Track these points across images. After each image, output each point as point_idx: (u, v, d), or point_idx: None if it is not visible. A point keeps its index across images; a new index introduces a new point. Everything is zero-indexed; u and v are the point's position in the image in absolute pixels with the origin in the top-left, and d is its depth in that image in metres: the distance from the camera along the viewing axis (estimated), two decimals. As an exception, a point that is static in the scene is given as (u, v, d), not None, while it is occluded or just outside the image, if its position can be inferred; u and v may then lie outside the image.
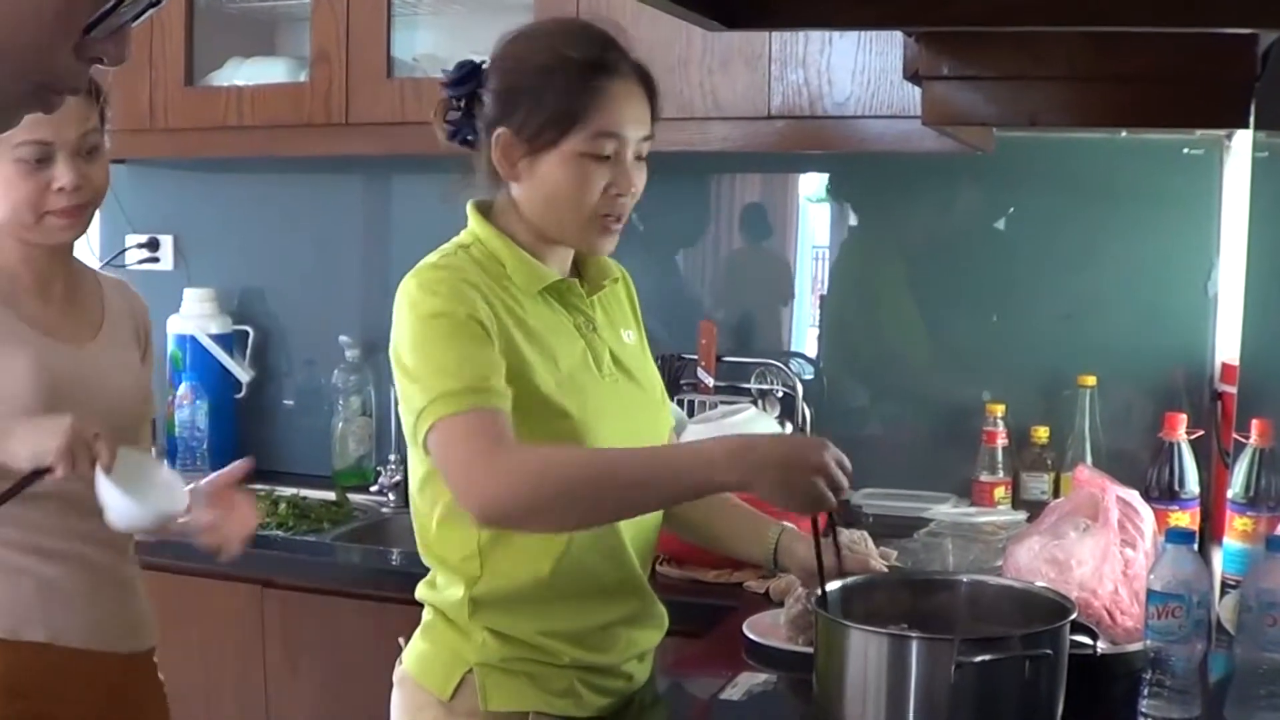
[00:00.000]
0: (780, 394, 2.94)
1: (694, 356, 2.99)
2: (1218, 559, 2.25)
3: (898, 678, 1.52)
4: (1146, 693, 1.67)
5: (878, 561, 2.00)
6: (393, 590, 2.48)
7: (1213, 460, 2.59)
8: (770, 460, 1.61)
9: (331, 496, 3.15)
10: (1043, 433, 2.80)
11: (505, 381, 1.69)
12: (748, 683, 1.89)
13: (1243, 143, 2.57)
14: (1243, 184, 2.54)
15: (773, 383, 2.96)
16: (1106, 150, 2.82)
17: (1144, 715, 1.67)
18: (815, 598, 1.69)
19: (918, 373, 3.00)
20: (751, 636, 2.02)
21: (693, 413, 2.90)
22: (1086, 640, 1.63)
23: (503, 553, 1.75)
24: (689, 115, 2.59)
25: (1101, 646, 1.67)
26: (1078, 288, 2.86)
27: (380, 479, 3.19)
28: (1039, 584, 1.79)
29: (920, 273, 3.01)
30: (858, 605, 1.68)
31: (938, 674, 1.49)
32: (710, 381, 2.96)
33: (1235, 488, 2.19)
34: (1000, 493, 2.80)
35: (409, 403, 1.71)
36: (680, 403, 2.92)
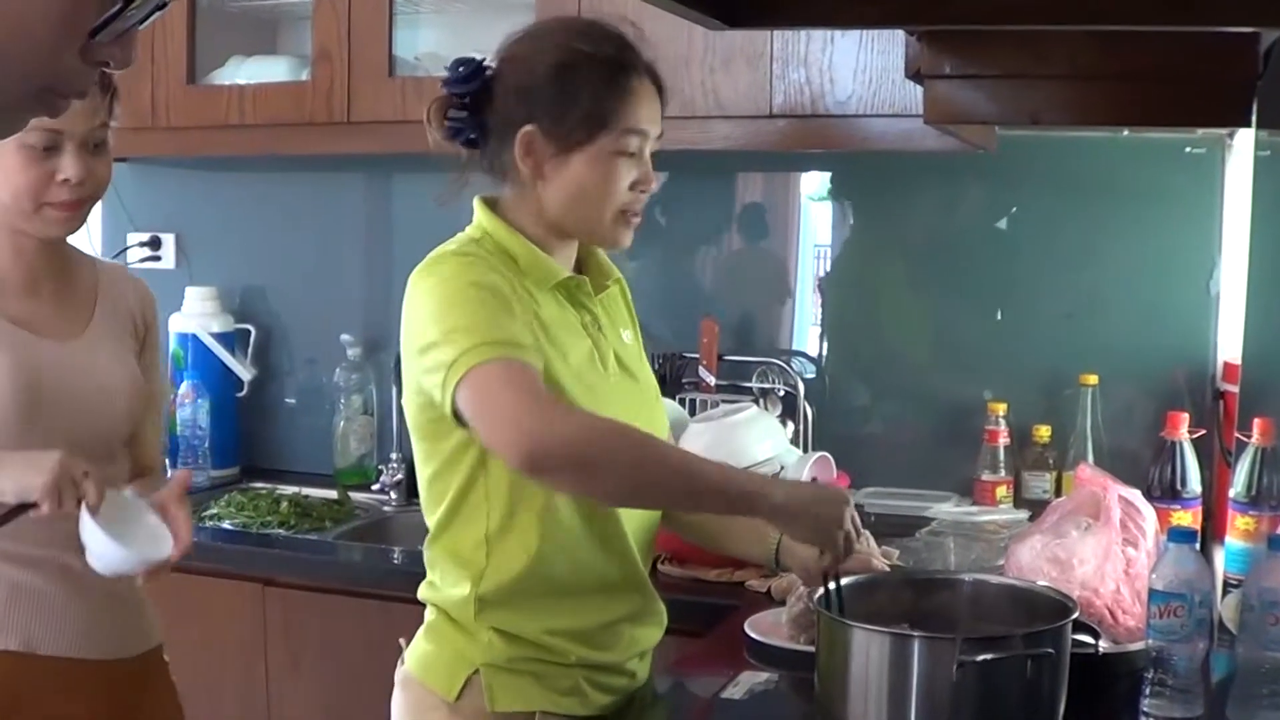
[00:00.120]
0: (782, 393, 2.94)
1: (695, 355, 2.99)
2: (1220, 558, 2.25)
3: (900, 677, 1.52)
4: (1148, 692, 1.67)
5: (880, 560, 1.99)
6: (394, 589, 2.48)
7: (1215, 459, 2.59)
8: (804, 492, 1.80)
9: (333, 495, 3.15)
10: (1044, 432, 2.80)
11: None
12: (749, 681, 1.89)
13: (1244, 141, 2.57)
14: (1244, 183, 2.54)
15: (774, 382, 2.96)
16: (1108, 149, 2.82)
17: (1146, 714, 1.67)
18: (819, 597, 1.69)
19: (919, 371, 3.00)
20: (753, 635, 2.02)
21: (694, 411, 2.89)
22: (1088, 639, 1.64)
23: (510, 543, 1.74)
24: (691, 114, 2.58)
25: (1103, 646, 1.68)
26: (1080, 286, 2.86)
27: (382, 477, 3.19)
28: (1041, 583, 1.79)
29: (922, 271, 3.01)
30: (860, 604, 1.68)
31: (940, 673, 1.49)
32: (712, 380, 2.96)
33: (1237, 487, 2.19)
34: (1002, 492, 2.80)
35: (434, 363, 1.66)
36: (681, 401, 2.92)
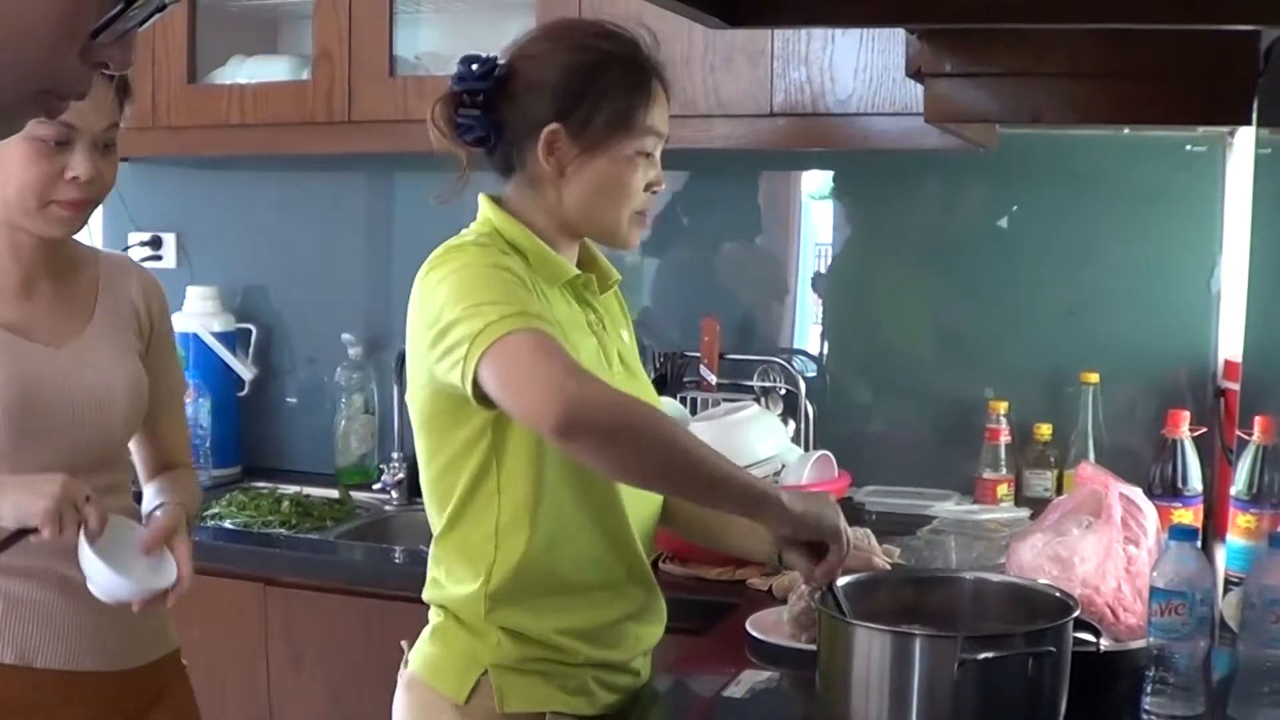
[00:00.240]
0: (783, 391, 2.94)
1: (696, 354, 2.99)
2: (1221, 556, 2.25)
3: (901, 675, 1.52)
4: (1149, 690, 1.67)
5: (881, 559, 1.99)
6: (396, 588, 2.48)
7: (1216, 457, 2.59)
8: (801, 494, 1.76)
9: (334, 494, 3.15)
10: (1045, 430, 2.80)
11: None
12: (751, 680, 1.89)
13: (1245, 140, 2.57)
14: (1245, 181, 2.54)
15: (775, 380, 2.96)
16: (1109, 147, 2.82)
17: (1147, 713, 1.67)
18: (821, 596, 1.69)
19: (920, 370, 3.00)
20: (755, 634, 2.02)
21: (695, 410, 2.89)
22: (1089, 638, 1.63)
23: (519, 535, 1.73)
24: (692, 113, 2.58)
25: (1104, 644, 1.67)
26: (1081, 285, 2.86)
27: (383, 476, 3.18)
28: (1042, 581, 1.79)
29: (923, 270, 3.01)
30: (861, 603, 1.68)
31: (941, 671, 1.49)
32: (713, 379, 2.96)
33: (1238, 485, 2.19)
34: (1003, 490, 2.80)
35: (454, 340, 1.62)
36: (683, 400, 2.92)
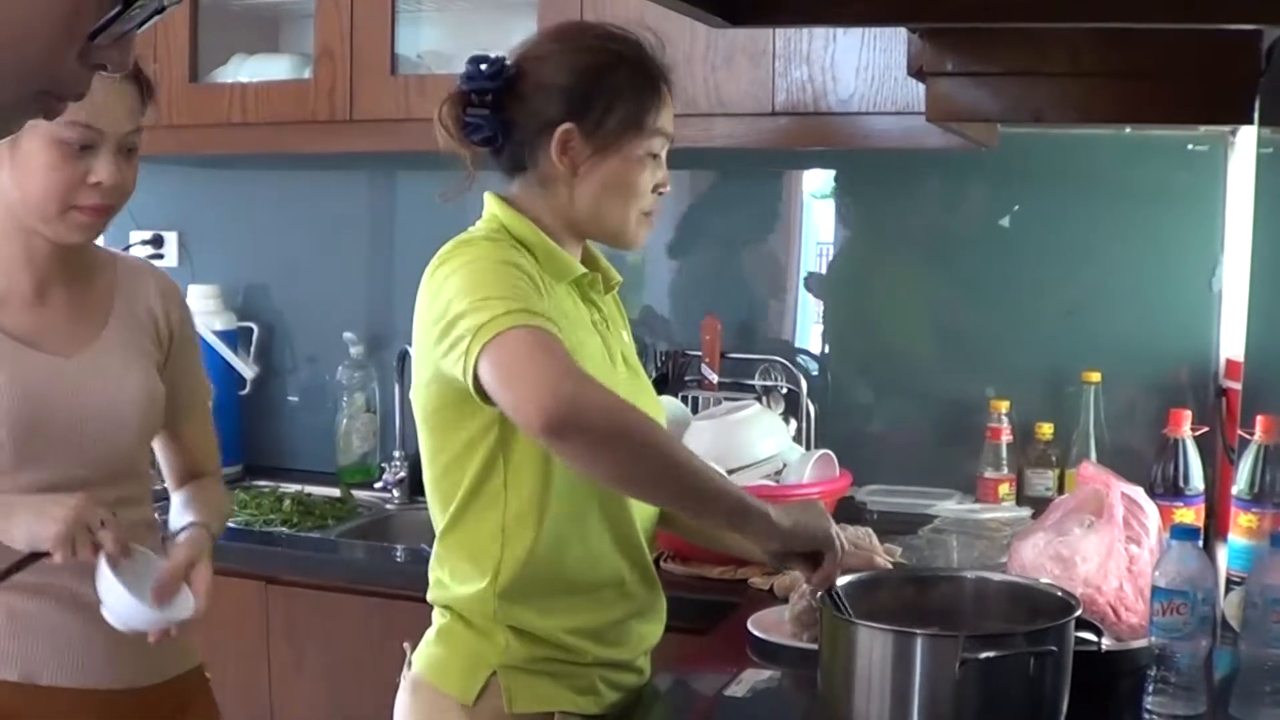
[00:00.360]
0: (784, 390, 2.94)
1: (698, 353, 2.99)
2: (1222, 555, 2.25)
3: (902, 674, 1.52)
4: (1151, 689, 1.67)
5: (882, 558, 1.99)
6: (397, 587, 2.48)
7: (1217, 456, 2.59)
8: (790, 506, 1.78)
9: (335, 493, 3.16)
10: (1047, 429, 2.80)
11: None
12: (752, 679, 1.89)
13: (1247, 139, 2.57)
14: (1247, 180, 2.54)
15: (777, 379, 2.96)
16: (1111, 146, 2.82)
17: (1149, 712, 1.67)
18: (821, 599, 1.68)
19: (922, 369, 3.00)
20: (756, 633, 2.02)
21: (697, 409, 2.89)
22: (1091, 637, 1.63)
23: (527, 531, 1.73)
24: (693, 112, 2.58)
25: (1106, 643, 1.67)
26: (1082, 284, 2.86)
27: (384, 475, 3.19)
28: (1043, 581, 1.79)
29: (924, 269, 3.01)
30: (862, 602, 1.68)
31: (942, 671, 1.49)
32: (714, 378, 2.96)
33: (1240, 484, 2.18)
34: (1005, 489, 2.80)
35: (458, 334, 1.61)
36: (684, 399, 2.92)
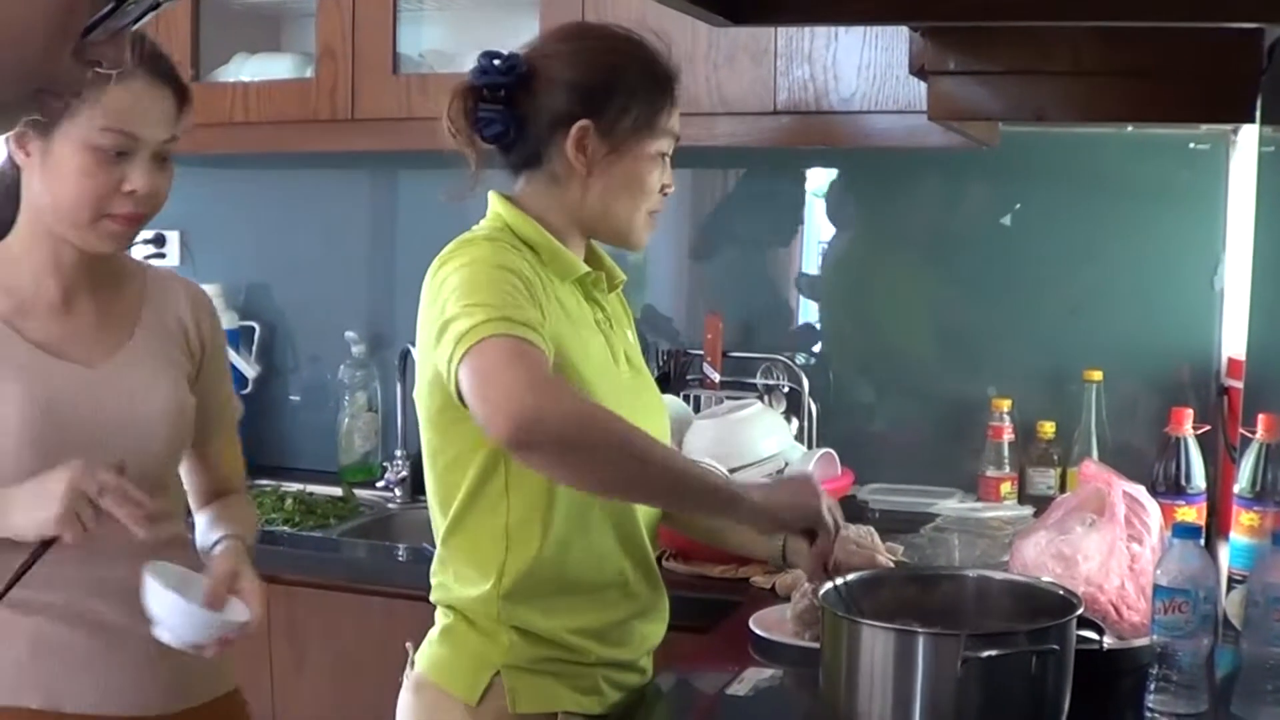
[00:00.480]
0: (786, 389, 2.94)
1: (699, 352, 2.99)
2: (1224, 554, 2.25)
3: (904, 673, 1.52)
4: (1153, 688, 1.67)
5: (884, 557, 2.00)
6: (399, 586, 2.48)
7: (1219, 455, 2.59)
8: (778, 485, 1.84)
9: (337, 492, 3.16)
10: (1049, 428, 2.80)
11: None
12: (754, 678, 1.89)
13: (1249, 137, 2.57)
14: (1249, 179, 2.54)
15: (779, 378, 2.96)
16: (1112, 145, 2.82)
17: (1150, 710, 1.67)
18: (825, 593, 1.69)
19: (923, 368, 3.00)
20: (758, 632, 2.02)
21: (698, 408, 2.89)
22: (1093, 635, 1.63)
23: (531, 534, 1.74)
24: (695, 110, 2.58)
25: (1108, 642, 1.67)
26: (1084, 282, 2.86)
27: (386, 474, 3.19)
28: (1045, 579, 1.79)
29: (926, 268, 3.01)
30: (864, 600, 1.68)
31: (944, 669, 1.48)
32: (716, 377, 2.96)
33: (1241, 483, 2.18)
34: (1006, 488, 2.80)
35: (447, 340, 1.62)
36: (686, 398, 2.92)
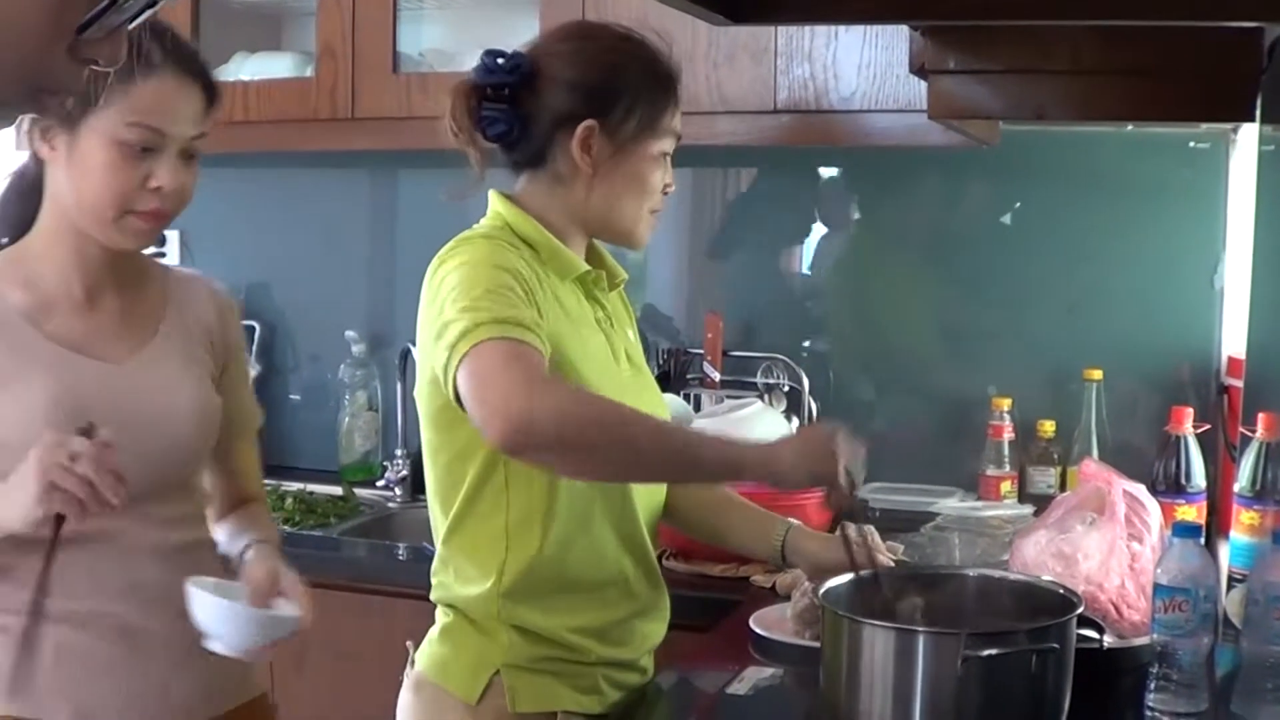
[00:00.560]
0: (786, 388, 2.94)
1: (700, 351, 2.99)
2: (1224, 553, 2.25)
3: (904, 672, 1.52)
4: (1153, 686, 1.67)
5: (885, 556, 2.00)
6: (400, 585, 2.48)
7: (1219, 454, 2.59)
8: (790, 438, 1.79)
9: (338, 491, 3.15)
10: (1049, 427, 2.80)
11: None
12: (754, 677, 1.89)
13: (1249, 136, 2.57)
14: (1249, 177, 2.54)
15: (779, 377, 2.96)
16: (1112, 144, 2.82)
17: (1150, 709, 1.67)
18: (859, 577, 1.68)
19: (924, 367, 3.00)
20: (758, 631, 2.02)
21: (699, 407, 2.89)
22: (1093, 634, 1.63)
23: (531, 533, 1.74)
24: (695, 109, 2.57)
25: (1108, 640, 1.67)
26: (1083, 281, 2.86)
27: (387, 474, 3.19)
28: (1045, 578, 1.79)
29: (926, 266, 3.01)
30: (864, 599, 1.68)
31: (944, 668, 1.48)
32: (716, 376, 2.96)
33: (1242, 481, 2.18)
34: (1006, 487, 2.80)
35: (443, 345, 1.63)
36: (686, 397, 2.92)
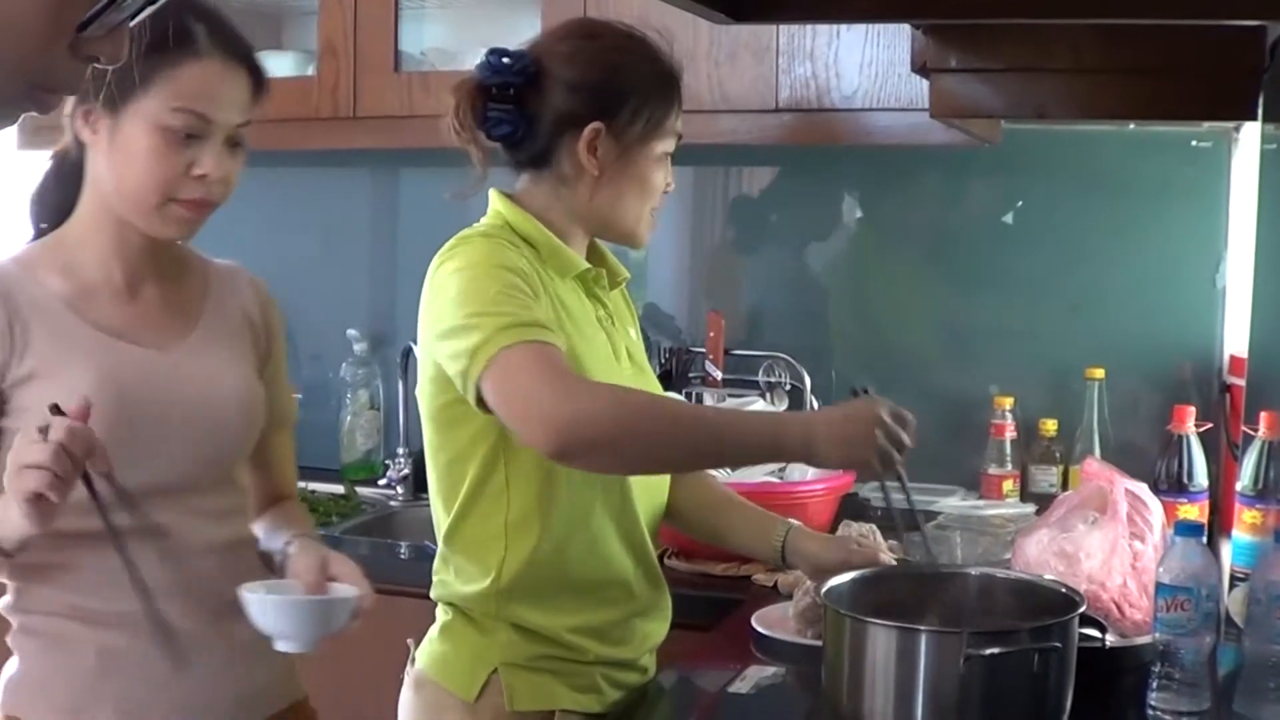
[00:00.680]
0: (788, 387, 2.94)
1: (701, 349, 2.99)
2: (1226, 552, 2.25)
3: (906, 671, 1.52)
4: (1155, 686, 1.67)
5: (886, 554, 2.00)
6: (401, 584, 2.47)
7: (1221, 453, 2.59)
8: (832, 416, 1.73)
9: (339, 490, 3.15)
10: (1051, 425, 2.79)
11: None
12: (756, 676, 1.89)
13: (1251, 135, 2.56)
14: (1251, 176, 2.54)
15: (781, 376, 2.96)
16: (1114, 142, 2.82)
17: (1152, 708, 1.67)
18: (913, 546, 1.67)
19: (925, 365, 3.00)
20: (760, 629, 2.02)
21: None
22: (1095, 633, 1.63)
23: (531, 531, 1.74)
24: (697, 108, 2.57)
25: (1110, 639, 1.67)
26: (1085, 280, 2.86)
27: (388, 472, 3.19)
28: (1047, 577, 1.79)
29: (927, 265, 3.01)
30: (866, 598, 1.68)
31: (946, 667, 1.48)
32: (718, 374, 2.96)
33: (1244, 480, 2.18)
34: (1008, 485, 2.79)
35: (456, 350, 1.64)
36: (688, 395, 2.92)
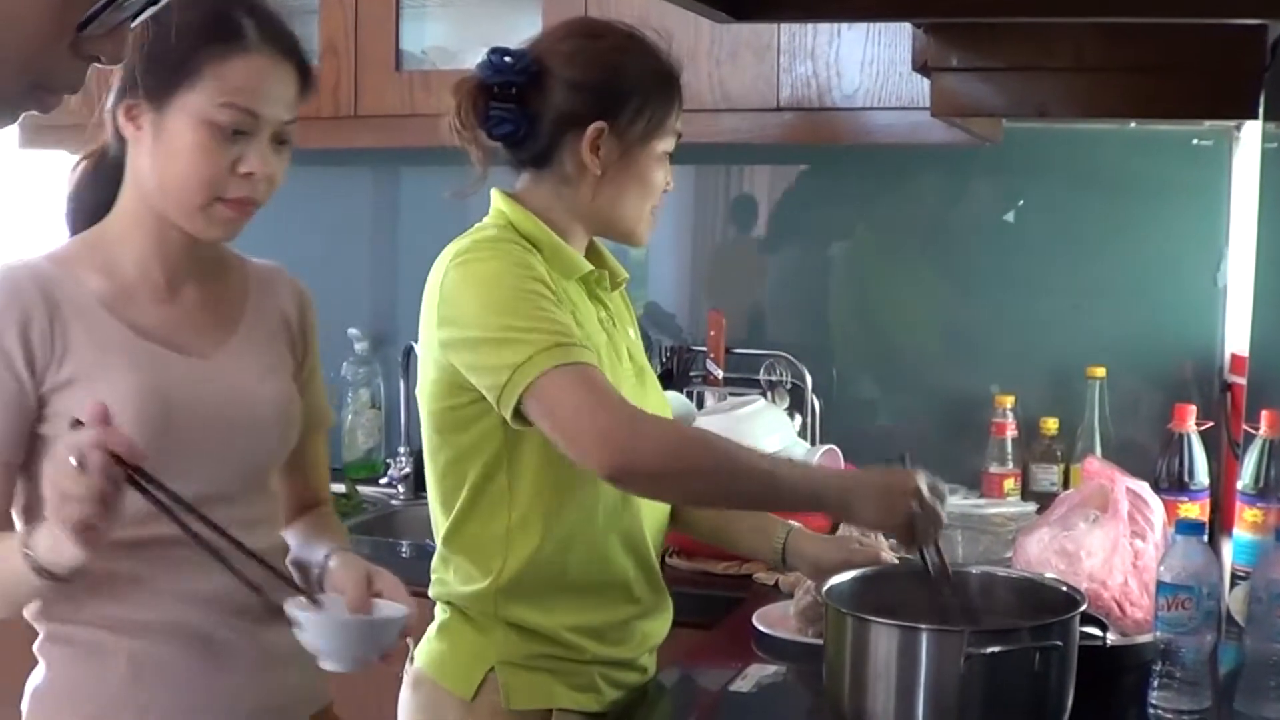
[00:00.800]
0: (789, 386, 2.94)
1: (703, 348, 2.99)
2: (1227, 550, 2.25)
3: (907, 669, 1.52)
4: (1156, 684, 1.67)
5: (887, 554, 2.00)
6: (402, 583, 2.47)
7: (1222, 451, 2.59)
8: (872, 480, 1.76)
9: (340, 489, 3.15)
10: (1052, 424, 2.80)
11: None
12: (757, 674, 1.89)
13: (1252, 133, 2.56)
14: (1252, 175, 2.54)
15: (782, 374, 2.96)
16: (1115, 141, 2.82)
17: (1154, 707, 1.67)
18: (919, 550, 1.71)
19: (926, 364, 3.00)
20: (761, 628, 2.02)
21: (701, 404, 2.89)
22: (1096, 632, 1.63)
23: (532, 535, 1.75)
24: (698, 107, 2.57)
25: (1111, 638, 1.67)
26: (1087, 279, 2.86)
27: (390, 471, 3.20)
28: (1048, 575, 1.79)
29: (929, 264, 3.00)
30: (867, 597, 1.68)
31: (948, 665, 1.49)
32: (719, 373, 2.96)
33: (1245, 479, 2.18)
34: (1010, 484, 2.79)
35: (491, 363, 1.64)
36: (689, 394, 2.92)
